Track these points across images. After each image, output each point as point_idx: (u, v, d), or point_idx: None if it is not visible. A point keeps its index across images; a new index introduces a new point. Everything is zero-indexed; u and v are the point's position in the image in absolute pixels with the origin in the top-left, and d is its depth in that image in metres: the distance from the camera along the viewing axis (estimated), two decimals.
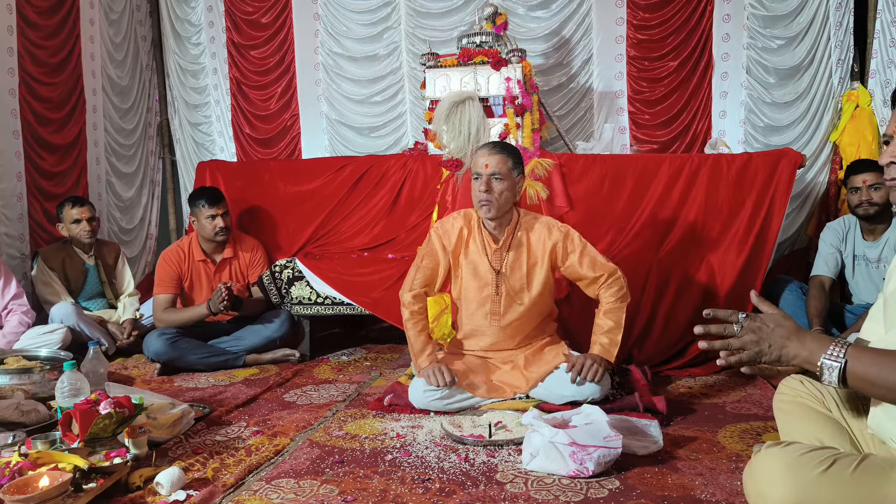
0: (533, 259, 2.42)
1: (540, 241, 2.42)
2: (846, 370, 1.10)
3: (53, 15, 3.78)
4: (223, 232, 3.21)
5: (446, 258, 2.46)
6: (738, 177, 3.04)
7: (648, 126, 4.03)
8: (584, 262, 2.39)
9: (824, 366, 1.10)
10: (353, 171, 3.50)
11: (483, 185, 2.30)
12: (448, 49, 3.53)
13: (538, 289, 2.43)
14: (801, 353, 1.12)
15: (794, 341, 1.13)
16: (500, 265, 2.42)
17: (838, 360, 1.11)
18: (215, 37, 4.53)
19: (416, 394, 2.35)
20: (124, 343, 3.35)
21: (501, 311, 2.44)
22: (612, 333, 2.36)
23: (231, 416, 2.37)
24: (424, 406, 2.33)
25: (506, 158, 2.32)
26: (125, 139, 4.39)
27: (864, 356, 1.11)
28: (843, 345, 1.12)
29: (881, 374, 1.09)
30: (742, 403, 2.43)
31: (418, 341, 2.43)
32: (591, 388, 2.30)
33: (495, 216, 2.36)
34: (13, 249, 3.52)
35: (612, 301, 2.38)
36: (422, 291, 2.47)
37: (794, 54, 3.81)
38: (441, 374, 2.29)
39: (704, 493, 1.68)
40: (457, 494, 1.70)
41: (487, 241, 2.43)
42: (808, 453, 1.16)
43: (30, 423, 2.14)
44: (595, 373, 2.28)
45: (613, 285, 2.39)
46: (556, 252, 2.41)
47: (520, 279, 2.42)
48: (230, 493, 1.74)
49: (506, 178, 2.31)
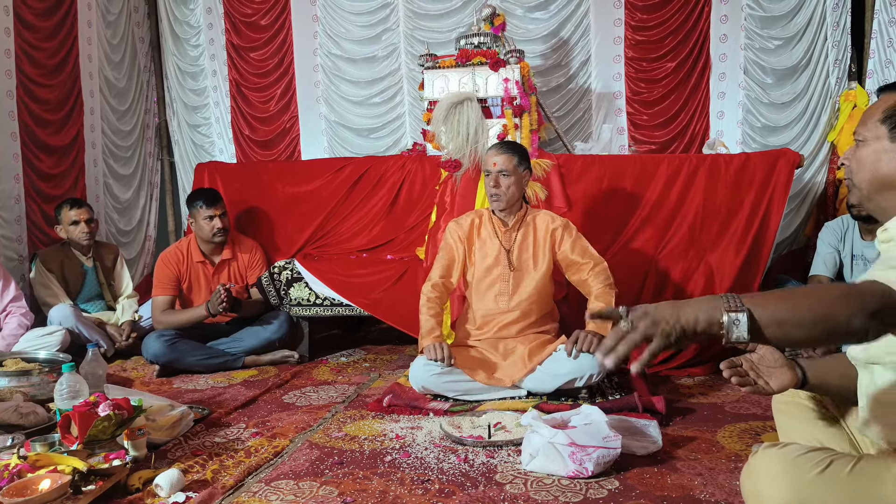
0: (538, 243, 2.63)
1: (544, 225, 2.64)
2: (753, 318, 0.99)
3: (51, 17, 3.78)
4: (221, 233, 3.21)
5: (462, 246, 2.65)
6: (736, 177, 3.05)
7: (647, 127, 4.03)
8: (575, 249, 2.59)
9: (729, 319, 0.98)
10: (352, 172, 3.50)
11: (492, 181, 2.57)
12: (446, 50, 3.53)
13: (543, 268, 2.60)
14: (698, 314, 1.00)
15: (684, 307, 1.02)
16: (510, 245, 2.62)
17: (741, 310, 0.99)
18: (214, 39, 4.53)
19: (416, 370, 2.45)
20: (123, 345, 3.35)
21: (510, 291, 2.59)
22: None
23: (230, 418, 2.37)
24: (423, 383, 2.42)
25: (511, 156, 2.56)
26: (123, 141, 4.38)
27: (765, 300, 1.01)
28: (735, 297, 1.01)
29: (793, 310, 0.99)
30: (741, 403, 2.43)
31: (428, 324, 2.54)
32: (590, 364, 2.34)
33: (504, 208, 2.61)
34: (11, 251, 3.51)
35: (601, 286, 2.53)
36: (440, 281, 2.62)
37: (792, 55, 3.82)
38: (440, 349, 2.42)
39: (704, 493, 1.68)
40: (456, 495, 1.70)
41: (498, 225, 2.66)
42: (806, 454, 1.17)
43: (29, 425, 2.14)
44: (590, 343, 2.35)
45: (601, 274, 2.55)
46: (555, 236, 2.62)
47: (527, 259, 2.61)
48: (229, 495, 1.74)
49: (512, 174, 2.55)
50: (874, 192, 1.20)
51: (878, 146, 1.18)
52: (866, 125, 1.21)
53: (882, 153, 1.18)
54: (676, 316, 1.00)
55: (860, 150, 1.22)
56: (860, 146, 1.22)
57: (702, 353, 2.92)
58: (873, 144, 1.19)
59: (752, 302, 1.00)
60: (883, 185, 1.18)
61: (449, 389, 2.43)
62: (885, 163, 1.17)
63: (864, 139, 1.21)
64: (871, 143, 1.20)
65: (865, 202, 1.23)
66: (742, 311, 0.99)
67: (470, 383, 2.43)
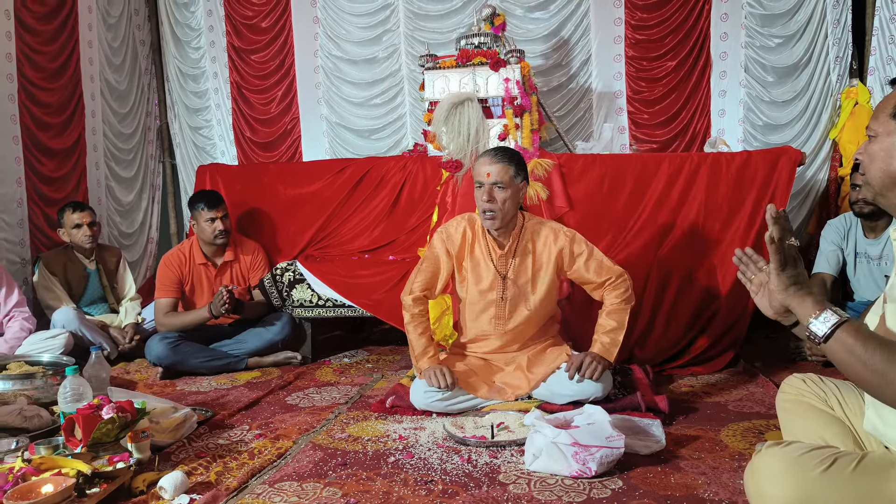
0: (538, 265, 2.41)
1: (546, 246, 2.41)
2: (836, 331, 1.13)
3: (51, 20, 3.79)
4: (223, 235, 3.22)
5: (449, 262, 2.45)
6: (737, 175, 3.05)
7: (648, 125, 4.03)
8: (590, 267, 2.38)
9: (821, 317, 1.15)
10: (353, 173, 3.51)
11: (485, 194, 2.27)
12: (447, 51, 3.53)
13: (542, 294, 2.42)
14: (804, 306, 1.18)
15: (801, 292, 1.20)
16: (506, 270, 2.40)
17: (830, 322, 1.14)
18: (215, 41, 4.53)
19: (417, 395, 2.35)
20: (126, 347, 3.35)
21: (506, 316, 2.43)
22: (613, 333, 2.36)
23: (233, 420, 2.37)
24: (426, 407, 2.33)
25: (507, 167, 2.28)
26: (124, 143, 4.39)
27: (856, 335, 1.12)
28: (836, 312, 1.15)
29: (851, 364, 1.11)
30: (744, 402, 2.43)
31: (419, 343, 2.42)
32: (593, 388, 2.30)
33: (500, 227, 2.34)
34: (13, 255, 3.52)
35: (617, 302, 2.38)
36: (422, 295, 2.46)
37: (792, 52, 3.81)
38: (442, 375, 2.29)
39: (707, 493, 1.68)
40: (460, 496, 1.70)
41: (492, 246, 2.41)
42: (809, 452, 1.16)
43: (33, 428, 2.14)
44: (594, 371, 2.28)
45: (619, 287, 2.38)
46: (562, 257, 2.39)
47: (525, 284, 2.41)
48: (233, 497, 1.74)
49: (508, 187, 2.28)
50: (886, 188, 1.19)
51: (889, 141, 1.16)
52: (878, 119, 1.19)
53: (893, 149, 1.16)
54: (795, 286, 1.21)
55: (871, 146, 1.20)
56: (872, 141, 1.20)
57: (705, 353, 2.92)
58: (884, 140, 1.17)
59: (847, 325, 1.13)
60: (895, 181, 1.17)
61: (453, 410, 2.33)
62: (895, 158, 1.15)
63: (875, 134, 1.19)
64: (882, 138, 1.18)
65: (878, 198, 1.21)
66: (832, 321, 1.14)
67: (473, 400, 2.35)
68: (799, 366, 2.86)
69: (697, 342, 2.94)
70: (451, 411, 2.33)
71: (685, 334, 2.94)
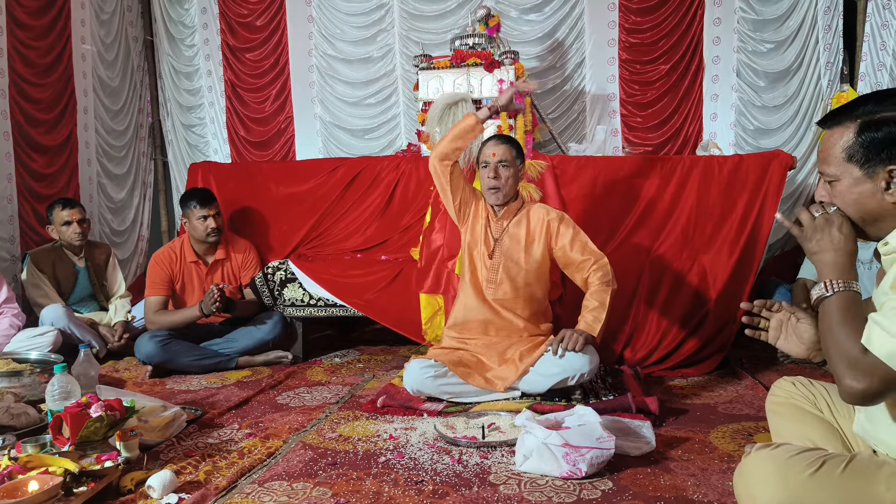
0: (531, 236, 2.57)
1: (538, 218, 2.58)
2: (828, 300, 1.19)
3: (43, 15, 3.76)
4: (215, 233, 3.20)
5: (468, 190, 2.63)
6: (729, 178, 3.06)
7: (640, 128, 4.04)
8: (574, 245, 2.52)
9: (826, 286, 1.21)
10: (346, 172, 3.50)
11: (491, 171, 2.53)
12: (441, 51, 3.54)
13: (534, 266, 2.55)
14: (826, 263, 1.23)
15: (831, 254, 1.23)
16: (500, 234, 2.59)
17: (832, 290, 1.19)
18: (209, 39, 4.52)
19: (412, 372, 2.43)
20: (115, 345, 3.33)
21: (497, 280, 2.55)
22: (596, 311, 2.44)
23: (223, 419, 2.36)
24: (418, 386, 2.41)
25: (510, 148, 2.55)
26: (116, 140, 4.37)
27: (850, 302, 1.18)
28: (849, 285, 1.19)
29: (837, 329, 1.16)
30: (734, 404, 2.44)
31: (472, 115, 2.58)
32: (580, 361, 2.34)
33: (502, 201, 2.57)
34: (3, 251, 3.49)
35: (598, 284, 2.48)
36: (448, 159, 2.58)
37: (784, 57, 3.84)
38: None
39: (697, 494, 1.69)
40: (450, 496, 1.70)
41: (491, 215, 2.63)
42: (798, 455, 1.17)
43: (20, 426, 2.12)
44: (575, 342, 2.34)
45: (599, 270, 2.49)
46: (551, 229, 2.56)
47: (517, 252, 2.56)
48: (222, 496, 1.73)
49: (511, 165, 2.53)
50: (867, 224, 1.23)
51: (856, 186, 1.20)
52: (830, 164, 1.23)
53: (859, 192, 1.20)
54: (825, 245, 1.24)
55: (836, 188, 1.23)
56: (834, 185, 1.24)
57: (695, 355, 2.93)
58: (848, 182, 1.21)
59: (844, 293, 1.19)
60: (876, 218, 1.21)
61: (443, 392, 2.42)
62: (868, 199, 1.19)
63: (836, 178, 1.23)
64: (845, 180, 1.21)
65: (861, 228, 1.24)
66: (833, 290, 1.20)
67: (464, 386, 2.42)
68: (788, 369, 2.88)
69: (688, 344, 2.95)
70: (442, 395, 2.41)
71: (676, 336, 2.95)
